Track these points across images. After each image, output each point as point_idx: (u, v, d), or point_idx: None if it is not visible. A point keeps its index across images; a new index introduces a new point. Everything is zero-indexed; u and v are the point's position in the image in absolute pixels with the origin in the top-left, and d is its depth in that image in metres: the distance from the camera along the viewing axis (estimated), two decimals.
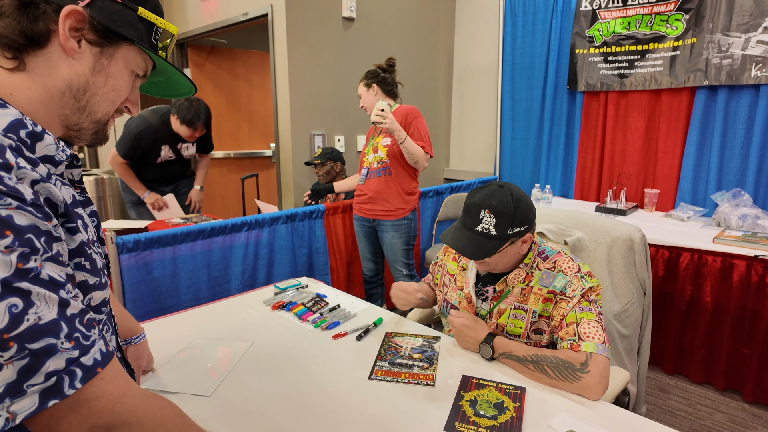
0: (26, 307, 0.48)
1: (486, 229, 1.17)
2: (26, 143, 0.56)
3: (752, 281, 2.11)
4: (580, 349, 1.09)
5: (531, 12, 3.47)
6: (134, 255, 1.86)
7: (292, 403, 1.00)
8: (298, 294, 1.61)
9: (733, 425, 2.04)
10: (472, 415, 0.96)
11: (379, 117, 2.10)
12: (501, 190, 1.19)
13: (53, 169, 0.60)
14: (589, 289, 1.17)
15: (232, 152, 4.49)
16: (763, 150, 2.63)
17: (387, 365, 1.15)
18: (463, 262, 1.40)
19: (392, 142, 2.29)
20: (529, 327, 1.23)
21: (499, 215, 1.16)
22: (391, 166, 2.31)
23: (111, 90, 0.65)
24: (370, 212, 2.40)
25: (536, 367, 1.10)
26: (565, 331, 1.15)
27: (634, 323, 1.57)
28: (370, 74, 2.37)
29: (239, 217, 2.21)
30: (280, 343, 1.27)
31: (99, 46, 0.62)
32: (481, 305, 1.31)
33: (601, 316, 1.17)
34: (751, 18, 2.55)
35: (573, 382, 1.05)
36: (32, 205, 0.51)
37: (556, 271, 1.22)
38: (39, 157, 0.57)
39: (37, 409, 0.49)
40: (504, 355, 1.17)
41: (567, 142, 3.48)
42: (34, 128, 0.57)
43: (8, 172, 0.50)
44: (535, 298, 1.22)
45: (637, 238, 1.55)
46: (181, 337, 1.30)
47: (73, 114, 0.63)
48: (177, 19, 4.04)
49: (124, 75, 0.67)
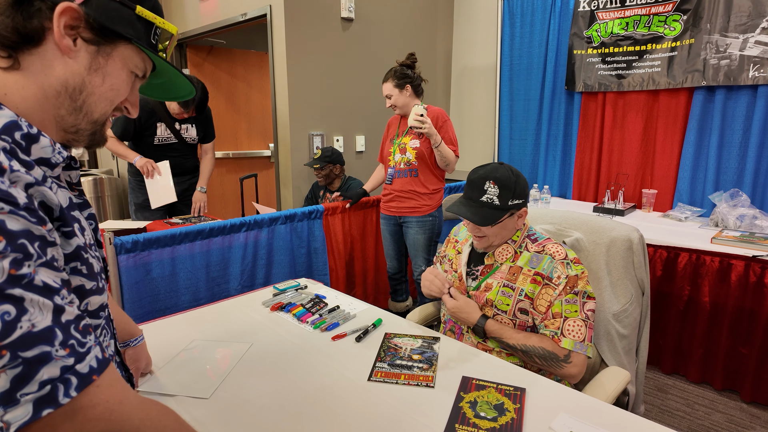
0: (19, 314, 0.47)
1: (490, 199, 1.28)
2: (21, 145, 0.55)
3: (750, 281, 2.11)
4: (561, 345, 1.23)
5: (529, 13, 3.48)
6: (133, 255, 1.86)
7: (291, 405, 1.00)
8: (297, 295, 1.61)
9: (731, 425, 2.05)
10: (473, 417, 0.96)
11: (418, 122, 2.12)
12: (502, 166, 1.32)
13: (49, 171, 0.59)
14: (573, 277, 1.26)
15: (231, 152, 4.48)
16: (761, 150, 2.63)
17: (386, 366, 1.15)
18: (459, 246, 1.49)
19: (421, 144, 2.30)
20: (516, 305, 1.31)
21: (503, 186, 1.28)
22: (418, 168, 2.35)
23: (109, 89, 0.64)
24: (397, 210, 2.44)
25: (525, 356, 1.25)
26: (550, 321, 1.26)
27: (632, 323, 1.57)
28: (400, 74, 2.35)
29: (238, 218, 2.20)
30: (280, 345, 1.27)
31: (95, 44, 0.61)
32: (471, 283, 1.41)
33: (585, 309, 1.26)
34: (749, 19, 2.56)
35: (557, 370, 1.23)
36: (26, 209, 0.50)
37: (544, 254, 1.31)
38: (34, 160, 0.56)
39: (31, 419, 0.48)
40: (495, 338, 1.29)
41: (565, 143, 3.48)
42: (30, 130, 0.56)
43: (1, 176, 0.49)
44: (523, 278, 1.31)
45: (636, 238, 1.55)
46: (179, 339, 1.30)
47: (69, 115, 0.62)
48: (176, 19, 4.03)
49: (122, 74, 0.65)
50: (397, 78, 2.35)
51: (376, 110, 3.56)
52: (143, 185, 2.80)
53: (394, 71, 2.37)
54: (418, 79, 2.40)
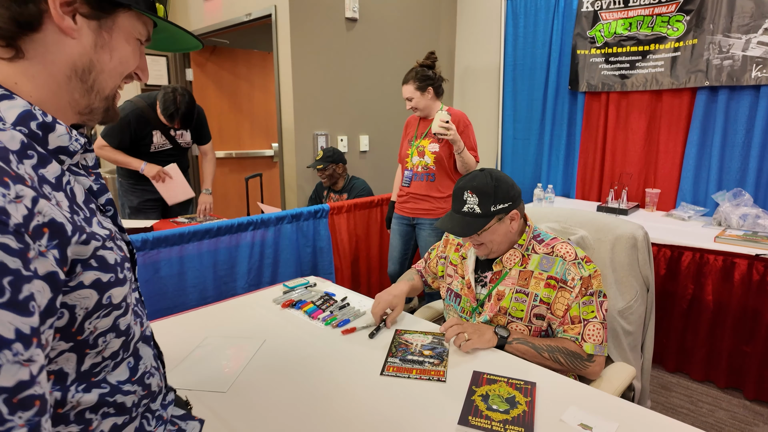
0: None
1: (471, 208, 1.27)
2: (38, 135, 0.53)
3: (753, 280, 2.13)
4: (583, 348, 1.24)
5: (532, 13, 3.50)
6: (142, 254, 1.88)
7: (306, 399, 1.02)
8: (306, 293, 1.62)
9: (735, 422, 2.07)
10: (485, 410, 0.97)
11: (443, 129, 2.06)
12: (481, 173, 1.30)
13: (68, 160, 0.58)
14: (587, 278, 1.26)
15: (234, 152, 4.50)
16: (764, 150, 2.65)
17: (398, 362, 1.17)
18: (462, 251, 1.47)
19: (440, 148, 2.27)
20: (531, 310, 1.29)
21: (481, 194, 1.26)
22: (436, 173, 2.32)
23: (118, 64, 0.63)
24: (411, 211, 2.43)
25: (551, 355, 1.23)
26: (569, 326, 1.26)
27: (637, 320, 1.59)
28: (422, 76, 2.27)
29: (245, 217, 2.22)
30: (292, 341, 1.29)
31: (96, 18, 0.59)
32: (480, 290, 1.39)
33: (602, 309, 1.27)
34: (752, 19, 2.58)
35: (582, 369, 1.24)
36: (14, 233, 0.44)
37: (555, 256, 1.30)
38: (53, 149, 0.55)
39: None
40: (519, 340, 1.26)
41: (568, 143, 3.50)
42: (45, 118, 0.55)
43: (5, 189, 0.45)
44: (536, 282, 1.30)
45: (640, 235, 1.57)
46: (192, 336, 1.31)
47: (82, 97, 0.61)
48: (179, 19, 4.05)
49: (129, 45, 0.64)
50: (419, 80, 2.27)
51: (381, 110, 3.58)
52: (137, 187, 2.82)
53: (415, 72, 2.29)
54: (440, 80, 2.34)
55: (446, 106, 2.22)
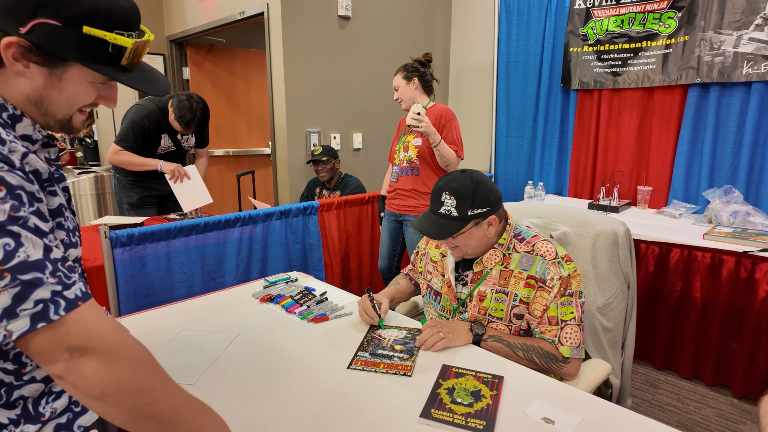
0: (17, 246, 0.59)
1: (448, 210, 1.25)
2: (8, 124, 0.67)
3: (741, 277, 2.12)
4: (559, 351, 1.23)
5: (525, 11, 3.49)
6: (128, 249, 1.89)
7: (272, 390, 1.03)
8: (287, 287, 1.63)
9: (722, 420, 2.06)
10: (449, 403, 0.98)
11: (414, 121, 2.07)
12: (462, 174, 1.26)
13: (31, 146, 0.71)
14: (566, 278, 1.23)
15: (231, 150, 4.52)
16: (755, 147, 2.64)
17: (367, 356, 1.17)
18: (443, 248, 1.45)
19: (423, 143, 2.30)
20: (510, 310, 1.28)
21: (459, 197, 1.23)
22: (420, 167, 2.33)
23: (66, 100, 0.71)
24: (398, 208, 2.45)
25: (525, 354, 1.22)
26: (546, 327, 1.24)
27: (617, 316, 1.58)
28: (411, 68, 2.35)
29: (233, 213, 2.23)
30: (266, 335, 1.29)
31: (47, 66, 0.67)
32: (461, 289, 1.36)
33: (580, 309, 1.24)
34: (743, 16, 2.56)
35: (557, 370, 1.22)
36: (20, 170, 0.63)
37: (535, 255, 1.27)
38: (19, 136, 0.69)
39: (28, 330, 0.59)
40: (494, 338, 1.25)
41: (561, 140, 3.49)
42: (14, 111, 0.69)
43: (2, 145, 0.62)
44: (515, 282, 1.28)
45: (621, 232, 1.56)
46: (168, 329, 1.32)
47: (38, 117, 0.71)
48: (175, 18, 4.07)
49: (80, 87, 0.71)
50: (407, 70, 2.34)
51: (374, 108, 3.58)
52: (137, 184, 2.83)
53: (405, 64, 2.37)
54: (429, 76, 2.38)
55: (434, 103, 2.23)
